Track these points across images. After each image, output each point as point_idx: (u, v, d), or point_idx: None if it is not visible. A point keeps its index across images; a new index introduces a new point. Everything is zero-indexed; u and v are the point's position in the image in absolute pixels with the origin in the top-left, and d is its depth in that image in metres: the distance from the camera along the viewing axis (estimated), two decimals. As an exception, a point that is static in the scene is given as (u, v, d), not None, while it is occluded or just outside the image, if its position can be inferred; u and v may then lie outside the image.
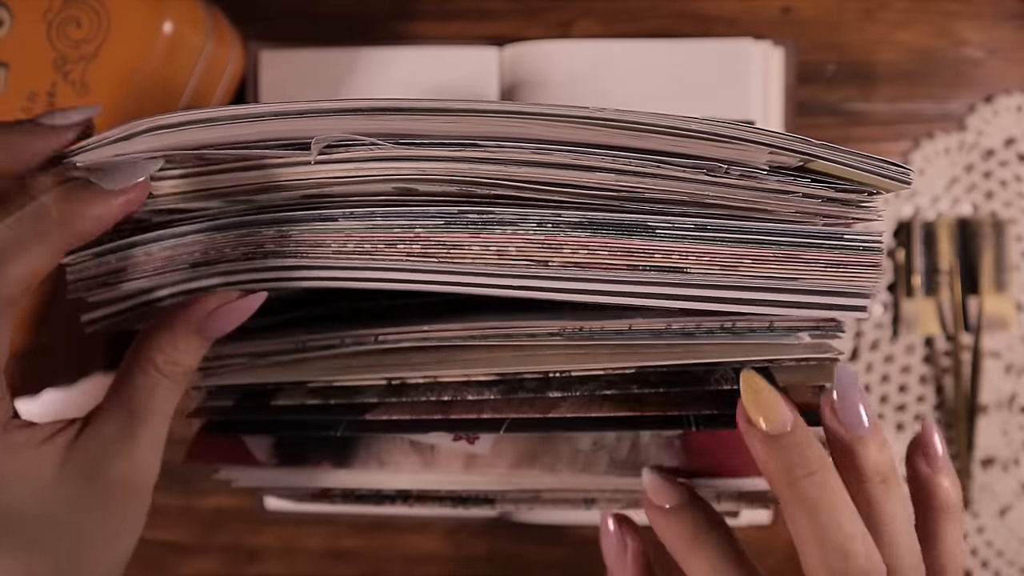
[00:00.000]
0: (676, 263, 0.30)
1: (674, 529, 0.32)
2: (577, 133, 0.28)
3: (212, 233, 0.32)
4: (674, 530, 0.32)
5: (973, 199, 0.57)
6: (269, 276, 0.32)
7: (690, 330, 0.32)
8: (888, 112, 0.57)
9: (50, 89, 0.44)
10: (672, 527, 0.32)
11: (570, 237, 0.29)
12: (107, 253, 0.32)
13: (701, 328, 0.32)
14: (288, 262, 0.31)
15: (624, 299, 0.30)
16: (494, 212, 0.30)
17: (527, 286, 0.30)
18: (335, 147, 0.29)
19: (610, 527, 0.36)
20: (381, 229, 0.30)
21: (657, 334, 0.32)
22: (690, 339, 0.32)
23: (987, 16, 0.56)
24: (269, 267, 0.32)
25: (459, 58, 0.55)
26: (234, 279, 0.32)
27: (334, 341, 0.34)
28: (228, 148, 0.30)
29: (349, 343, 0.34)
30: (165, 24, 0.44)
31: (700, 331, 0.32)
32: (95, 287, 0.33)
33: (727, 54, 0.53)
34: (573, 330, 0.32)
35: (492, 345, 0.33)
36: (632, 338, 0.32)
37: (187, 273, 0.32)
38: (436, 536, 0.59)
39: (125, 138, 0.30)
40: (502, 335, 0.33)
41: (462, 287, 0.31)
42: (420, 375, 0.34)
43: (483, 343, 0.33)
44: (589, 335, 0.32)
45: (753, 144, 0.27)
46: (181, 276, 0.32)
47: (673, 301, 0.30)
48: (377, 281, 0.31)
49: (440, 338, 0.33)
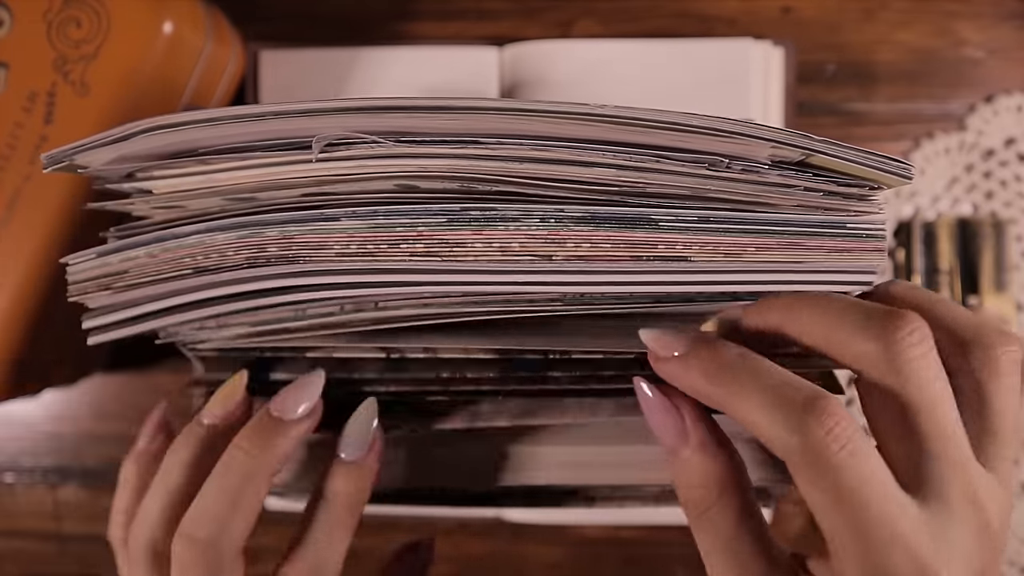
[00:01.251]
0: (680, 253, 0.30)
1: (697, 368, 0.28)
2: (578, 129, 0.28)
3: (214, 234, 0.31)
4: (697, 368, 0.28)
5: (973, 199, 0.57)
6: (275, 285, 0.32)
7: (691, 295, 0.32)
8: (888, 112, 0.57)
9: (50, 89, 0.44)
10: (695, 367, 0.28)
11: (573, 231, 0.29)
12: (110, 253, 0.32)
13: (702, 294, 0.32)
14: (292, 268, 0.31)
15: (629, 288, 0.30)
16: (497, 208, 0.30)
17: (532, 281, 0.30)
18: (336, 145, 0.29)
19: (648, 393, 0.30)
20: (383, 228, 0.30)
21: (658, 299, 0.32)
22: (690, 304, 0.32)
23: (987, 16, 0.56)
24: (274, 274, 0.31)
25: (459, 58, 0.55)
26: (239, 289, 0.32)
27: (334, 308, 0.34)
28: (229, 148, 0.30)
29: (349, 310, 0.34)
30: (165, 24, 0.44)
31: (701, 297, 0.32)
32: (96, 290, 0.33)
33: (727, 54, 0.53)
34: (573, 296, 0.32)
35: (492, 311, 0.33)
36: (632, 305, 0.32)
37: (191, 281, 0.32)
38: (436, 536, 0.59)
39: (124, 138, 0.30)
40: (502, 299, 0.32)
41: (466, 286, 0.30)
42: (419, 346, 0.34)
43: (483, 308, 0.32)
44: (590, 301, 0.32)
45: (755, 139, 0.28)
46: (185, 284, 0.32)
47: (678, 287, 0.30)
48: (381, 285, 0.31)
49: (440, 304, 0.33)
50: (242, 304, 0.32)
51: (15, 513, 0.60)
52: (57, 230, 0.44)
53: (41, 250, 0.44)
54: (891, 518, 0.24)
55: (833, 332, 0.27)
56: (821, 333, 0.27)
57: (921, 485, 0.25)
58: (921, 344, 0.26)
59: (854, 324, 0.26)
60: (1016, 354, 0.27)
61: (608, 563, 0.58)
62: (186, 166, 0.31)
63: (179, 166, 0.32)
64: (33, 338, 0.46)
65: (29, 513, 0.60)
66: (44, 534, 0.60)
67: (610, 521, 0.58)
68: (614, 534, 0.59)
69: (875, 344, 0.26)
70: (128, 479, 0.37)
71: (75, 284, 0.33)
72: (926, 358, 0.26)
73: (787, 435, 0.25)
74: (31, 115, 0.44)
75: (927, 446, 0.25)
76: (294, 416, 0.33)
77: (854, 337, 0.26)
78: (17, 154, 0.44)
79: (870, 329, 0.26)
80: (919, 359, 0.26)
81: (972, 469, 0.26)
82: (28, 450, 0.60)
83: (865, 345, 0.26)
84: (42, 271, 0.44)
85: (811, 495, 0.25)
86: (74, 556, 0.60)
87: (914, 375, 0.25)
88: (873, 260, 0.30)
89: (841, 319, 0.27)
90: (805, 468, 0.25)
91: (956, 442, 0.26)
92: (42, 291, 0.45)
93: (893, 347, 0.26)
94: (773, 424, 0.26)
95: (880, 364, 0.26)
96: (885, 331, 0.26)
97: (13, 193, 0.44)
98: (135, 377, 0.59)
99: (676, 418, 0.29)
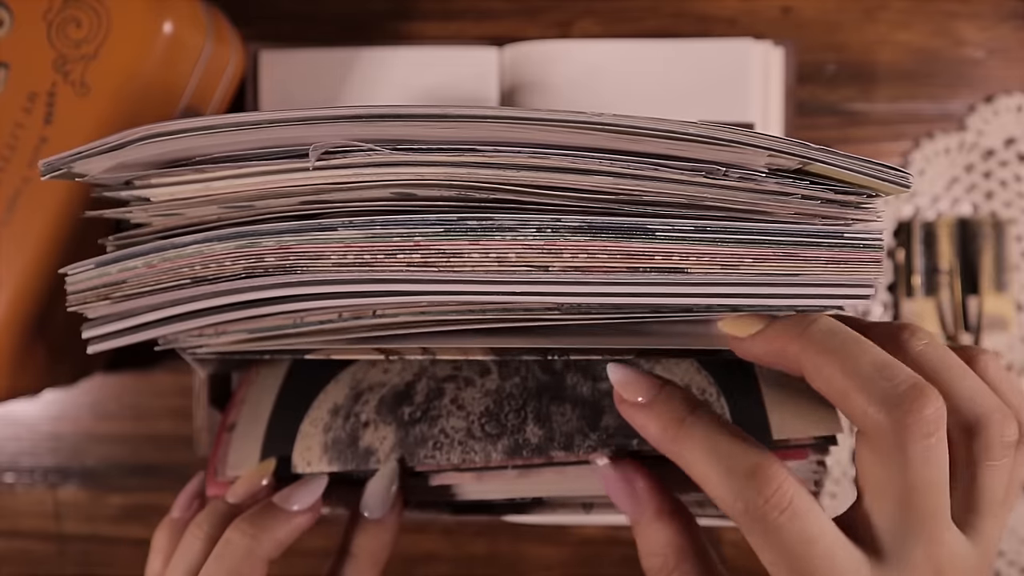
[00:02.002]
0: (676, 264, 0.30)
1: (656, 421, 0.30)
2: (575, 137, 0.28)
3: (212, 243, 0.31)
4: (656, 422, 0.30)
5: (973, 199, 0.57)
6: (272, 295, 0.32)
7: (688, 307, 0.32)
8: (888, 112, 0.57)
9: (50, 89, 0.44)
10: (653, 419, 0.30)
11: (570, 241, 0.29)
12: (108, 263, 0.32)
13: (699, 306, 0.32)
14: (289, 279, 0.31)
15: (626, 299, 0.30)
16: (493, 218, 0.29)
17: (528, 291, 0.30)
18: (333, 153, 0.29)
19: (602, 466, 0.34)
20: (380, 238, 0.30)
21: (655, 310, 0.32)
22: (688, 314, 0.32)
23: (987, 16, 0.56)
24: (271, 284, 0.31)
25: (459, 58, 0.54)
26: (237, 299, 0.32)
27: (332, 316, 0.34)
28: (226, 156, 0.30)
29: (347, 317, 0.34)
30: (165, 24, 0.44)
31: (699, 307, 0.32)
32: (96, 300, 0.33)
33: (727, 54, 0.53)
34: (570, 306, 0.32)
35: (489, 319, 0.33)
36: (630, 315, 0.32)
37: (189, 291, 0.32)
38: (436, 536, 0.59)
39: (120, 146, 0.30)
40: (499, 308, 0.32)
41: (463, 295, 0.30)
42: (416, 347, 0.34)
43: (480, 316, 0.33)
44: (587, 310, 0.32)
45: (751, 147, 0.28)
46: (183, 295, 0.32)
47: (675, 299, 0.30)
48: (378, 295, 0.31)
49: (438, 311, 0.33)
50: (240, 313, 0.32)
51: (15, 513, 0.60)
52: (57, 231, 0.44)
53: (41, 250, 0.44)
54: (838, 573, 0.26)
55: (852, 393, 0.27)
56: (839, 388, 0.27)
57: (885, 547, 0.26)
58: (935, 433, 0.26)
59: (874, 391, 0.26)
60: (1010, 438, 0.28)
61: (608, 563, 0.59)
62: (184, 174, 0.31)
63: (177, 174, 0.31)
64: (33, 338, 0.46)
65: (29, 513, 0.60)
66: (44, 534, 0.60)
67: (610, 521, 0.58)
68: (614, 534, 0.59)
69: (888, 418, 0.26)
70: (160, 547, 0.38)
71: (74, 294, 0.33)
72: (935, 449, 0.26)
73: (732, 500, 0.27)
74: (31, 115, 0.44)
75: (906, 517, 0.26)
76: (293, 508, 0.35)
77: (871, 404, 0.26)
78: (17, 155, 0.44)
79: (888, 401, 0.26)
80: (929, 449, 0.26)
81: (946, 538, 0.26)
82: (28, 450, 0.60)
83: (878, 416, 0.26)
84: (42, 271, 0.44)
85: (761, 555, 0.27)
86: (74, 556, 0.60)
87: (919, 458, 0.26)
88: (870, 272, 0.30)
89: (864, 383, 0.27)
90: (749, 531, 0.27)
91: (938, 519, 0.26)
92: (42, 292, 0.45)
93: (906, 431, 0.26)
94: (719, 487, 0.27)
95: (888, 437, 0.26)
96: (901, 410, 0.26)
97: (13, 194, 0.44)
98: (135, 377, 0.59)
99: (630, 491, 0.32)
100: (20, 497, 0.60)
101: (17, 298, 0.44)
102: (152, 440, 0.59)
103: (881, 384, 0.26)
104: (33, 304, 0.45)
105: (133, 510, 0.59)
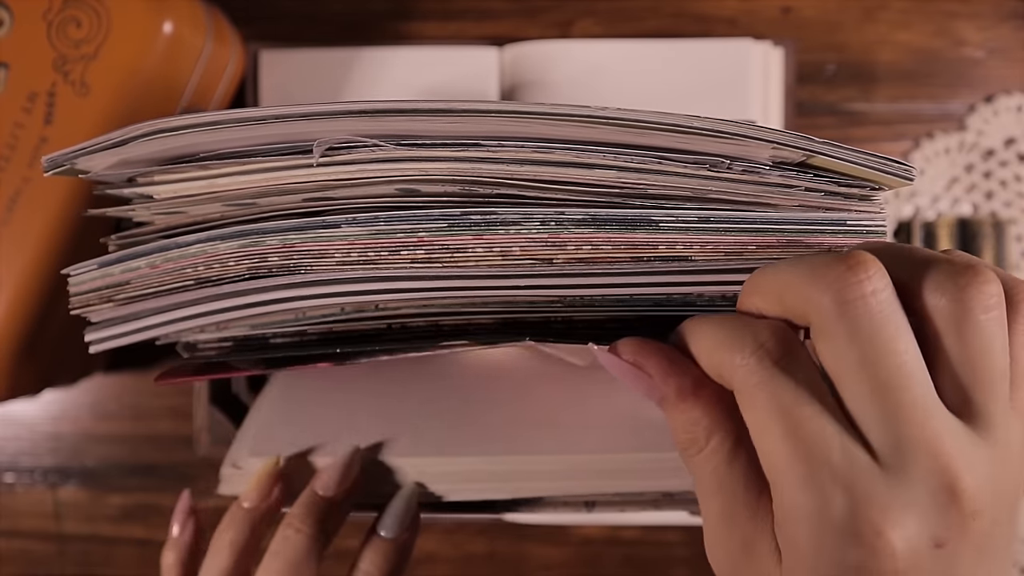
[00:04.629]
0: (681, 253, 0.30)
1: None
2: (578, 131, 0.28)
3: (216, 242, 0.31)
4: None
5: (973, 199, 0.57)
6: (276, 296, 0.32)
7: (692, 298, 0.32)
8: (888, 112, 0.57)
9: (50, 89, 0.44)
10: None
11: (573, 234, 0.29)
12: (111, 263, 0.32)
13: (703, 297, 0.32)
14: (294, 279, 0.31)
15: (630, 289, 0.30)
16: (497, 212, 0.29)
17: (532, 284, 0.30)
18: (337, 149, 0.29)
19: (611, 361, 0.29)
20: (384, 235, 0.30)
21: (658, 302, 0.32)
22: (691, 308, 0.32)
23: (987, 16, 0.56)
24: (275, 285, 0.31)
25: (459, 58, 0.54)
26: (242, 301, 0.32)
27: (335, 310, 0.34)
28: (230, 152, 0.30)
29: (350, 311, 0.34)
30: (165, 24, 0.44)
31: (702, 300, 0.32)
32: (99, 303, 0.33)
33: (727, 54, 0.53)
34: (574, 298, 0.32)
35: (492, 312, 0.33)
36: (634, 307, 0.32)
37: (193, 293, 0.32)
38: (436, 536, 0.59)
39: (123, 142, 0.30)
40: (502, 301, 0.32)
41: (467, 291, 0.31)
42: (422, 320, 0.33)
43: (483, 310, 0.32)
44: (590, 302, 0.32)
45: (756, 140, 0.28)
46: (187, 297, 0.32)
47: (679, 288, 0.30)
48: (383, 292, 0.31)
49: (442, 305, 0.33)
50: (244, 312, 0.32)
51: (15, 513, 0.60)
52: (58, 230, 0.44)
53: (41, 250, 0.44)
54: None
55: (788, 289, 0.25)
56: (775, 292, 0.25)
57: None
58: (878, 290, 0.23)
59: (806, 275, 0.24)
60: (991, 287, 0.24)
61: (608, 563, 0.59)
62: (187, 171, 0.31)
63: (180, 171, 0.31)
64: (33, 338, 0.46)
65: (29, 513, 0.60)
66: (44, 534, 0.60)
67: (610, 521, 0.58)
68: (614, 534, 0.59)
69: (827, 295, 0.23)
70: (170, 566, 0.39)
71: (77, 296, 0.33)
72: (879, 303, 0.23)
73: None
74: (31, 115, 0.44)
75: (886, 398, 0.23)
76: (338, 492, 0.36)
77: (808, 289, 0.24)
78: (17, 155, 0.44)
79: (822, 278, 0.24)
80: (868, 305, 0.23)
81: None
82: (28, 450, 0.60)
83: (820, 297, 0.24)
84: (42, 271, 0.44)
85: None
86: (74, 556, 0.60)
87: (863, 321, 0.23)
88: None
89: (793, 273, 0.25)
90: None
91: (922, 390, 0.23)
92: (42, 292, 0.45)
93: (844, 292, 0.23)
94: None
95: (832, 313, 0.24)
96: (838, 278, 0.23)
97: (13, 194, 0.44)
98: (135, 377, 0.59)
99: (640, 375, 0.28)
100: (20, 497, 0.60)
101: (17, 298, 0.44)
102: (152, 440, 0.59)
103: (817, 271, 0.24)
104: (33, 304, 0.45)
105: (133, 510, 0.59)
